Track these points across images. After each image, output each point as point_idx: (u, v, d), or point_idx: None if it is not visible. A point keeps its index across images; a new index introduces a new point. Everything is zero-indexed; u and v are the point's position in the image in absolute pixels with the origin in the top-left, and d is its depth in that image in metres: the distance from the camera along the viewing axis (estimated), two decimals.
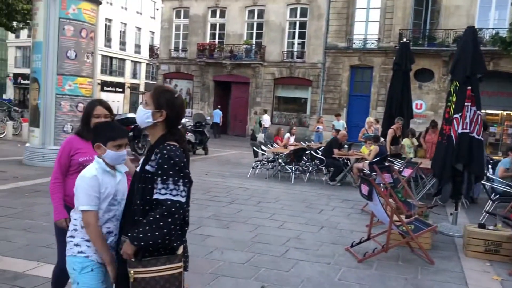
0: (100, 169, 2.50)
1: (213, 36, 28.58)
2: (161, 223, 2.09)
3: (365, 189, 5.50)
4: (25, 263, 4.54)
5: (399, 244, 5.69)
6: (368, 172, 9.52)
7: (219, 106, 26.44)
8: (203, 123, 16.55)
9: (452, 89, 6.78)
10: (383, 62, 23.50)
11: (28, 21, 14.16)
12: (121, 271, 2.31)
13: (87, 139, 3.05)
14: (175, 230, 2.15)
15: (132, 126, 12.53)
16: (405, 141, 11.08)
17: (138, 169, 2.35)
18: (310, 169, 11.78)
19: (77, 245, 2.50)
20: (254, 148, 12.29)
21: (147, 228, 2.10)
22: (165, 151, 2.18)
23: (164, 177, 2.13)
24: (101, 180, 2.48)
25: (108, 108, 3.19)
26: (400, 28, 22.80)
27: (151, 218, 2.11)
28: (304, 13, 25.79)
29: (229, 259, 5.07)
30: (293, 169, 11.35)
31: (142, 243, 2.13)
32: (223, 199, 8.43)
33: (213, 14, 28.43)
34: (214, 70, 28.02)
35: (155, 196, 2.15)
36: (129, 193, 2.42)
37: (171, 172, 2.14)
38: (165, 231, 2.10)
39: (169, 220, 2.10)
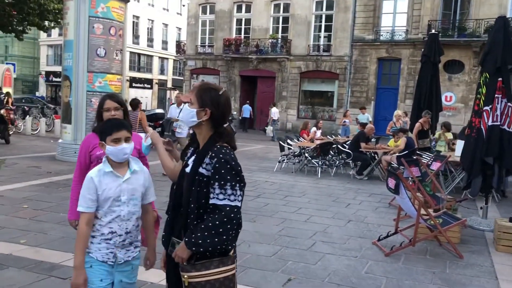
0: (101, 171, 2.50)
1: (239, 31, 28.67)
2: (221, 230, 2.06)
3: (391, 182, 5.48)
4: (60, 254, 4.72)
5: (427, 238, 5.65)
6: (396, 165, 9.44)
7: (247, 101, 26.54)
8: (230, 118, 16.65)
9: (482, 81, 6.64)
10: (412, 54, 23.10)
11: (59, 20, 14.52)
12: (173, 275, 2.28)
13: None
14: (233, 235, 2.12)
15: (160, 122, 12.75)
16: (438, 135, 10.91)
17: (188, 170, 2.26)
18: (337, 163, 11.74)
19: None
20: (281, 142, 12.32)
21: (206, 234, 2.06)
22: (221, 155, 2.14)
23: (222, 182, 2.10)
24: (98, 181, 2.47)
25: (119, 101, 3.16)
26: (429, 19, 22.36)
27: (210, 224, 2.07)
28: (330, 5, 25.56)
29: (256, 252, 5.14)
30: (320, 163, 11.34)
31: (201, 249, 2.09)
32: (250, 193, 8.51)
33: (239, 9, 28.50)
34: (240, 65, 28.13)
35: (212, 201, 2.12)
36: (176, 195, 2.33)
37: (228, 177, 2.11)
38: (224, 237, 2.08)
39: (229, 226, 2.08)
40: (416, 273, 4.74)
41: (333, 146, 12.13)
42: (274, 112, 22.71)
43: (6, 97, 17.61)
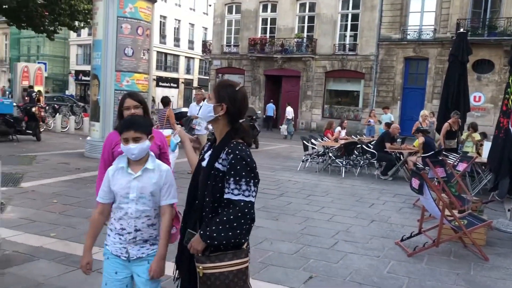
0: (117, 166, 2.60)
1: (264, 30, 28.74)
2: (235, 224, 2.13)
3: (415, 183, 5.44)
4: None
5: (451, 239, 5.59)
6: (421, 166, 9.33)
7: (271, 100, 26.58)
8: (254, 117, 16.74)
9: (510, 81, 6.52)
10: (439, 54, 22.71)
11: (88, 20, 14.86)
12: (188, 266, 2.34)
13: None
14: (246, 230, 2.18)
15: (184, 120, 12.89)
16: (465, 135, 10.72)
17: (204, 164, 2.34)
18: (361, 163, 11.67)
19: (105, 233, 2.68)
20: (304, 141, 12.32)
21: (220, 227, 2.13)
22: (237, 151, 2.20)
23: (237, 178, 2.16)
24: (112, 175, 2.57)
25: (138, 100, 3.24)
26: (458, 17, 21.94)
27: (224, 218, 2.14)
28: (356, 4, 25.36)
29: (278, 250, 5.19)
30: (344, 163, 11.30)
31: (216, 242, 2.16)
32: (273, 192, 8.56)
33: (265, 8, 28.57)
34: (265, 64, 28.19)
35: (227, 196, 2.18)
36: (192, 188, 2.41)
37: (243, 173, 2.16)
38: (238, 231, 2.14)
39: (242, 221, 2.14)
40: (439, 274, 4.70)
41: (358, 146, 12.06)
42: (289, 111, 22.68)
43: (38, 96, 18.13)
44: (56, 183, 8.24)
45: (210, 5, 42.06)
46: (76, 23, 16.02)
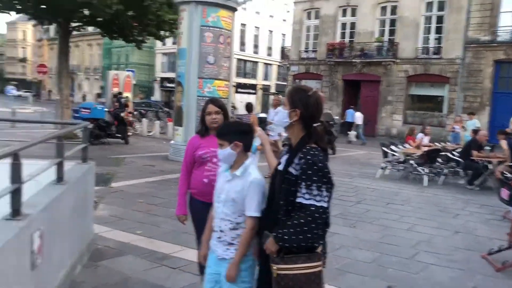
0: (222, 167, 2.76)
1: (342, 35, 28.38)
2: (306, 228, 2.17)
3: (505, 193, 5.12)
4: (171, 246, 5.14)
5: None
6: (510, 175, 8.71)
7: (351, 106, 26.10)
8: (331, 122, 16.59)
9: None
10: None
11: (173, 30, 15.59)
12: (263, 265, 2.43)
13: (203, 136, 3.38)
14: (318, 234, 2.22)
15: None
16: None
17: (280, 167, 2.41)
18: (446, 171, 11.13)
19: None
20: (384, 148, 12.00)
21: (292, 230, 2.19)
22: (308, 156, 2.24)
23: (308, 183, 2.20)
24: (218, 175, 2.79)
25: (219, 105, 3.36)
26: None
27: (295, 222, 2.19)
28: (441, 6, 24.25)
29: (355, 257, 5.13)
30: (426, 171, 10.84)
31: (287, 244, 2.21)
32: (350, 199, 8.44)
33: (344, 13, 28.23)
34: (343, 69, 27.82)
35: (299, 200, 2.23)
36: (270, 191, 2.48)
37: (315, 178, 2.20)
38: (309, 235, 2.18)
39: (313, 225, 2.17)
40: None
41: (442, 153, 11.51)
42: (358, 117, 22.10)
43: (126, 101, 19.32)
44: (142, 184, 8.75)
45: (288, 12, 42.32)
46: (162, 32, 16.85)
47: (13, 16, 23.60)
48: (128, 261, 4.66)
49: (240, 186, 2.59)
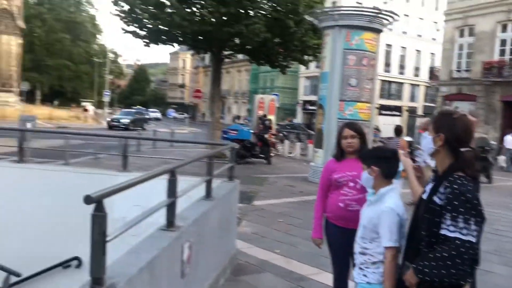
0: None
1: (502, 52, 25.83)
2: (449, 262, 2.02)
3: None
4: (308, 268, 5.18)
5: None
6: None
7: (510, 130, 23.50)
8: (487, 148, 15.09)
9: None
10: None
11: (317, 54, 15.90)
12: None
13: (339, 159, 3.36)
14: (464, 271, 2.04)
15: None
16: None
17: (424, 196, 2.29)
18: None
19: None
20: None
21: (434, 264, 2.06)
22: (455, 186, 2.08)
23: (454, 214, 2.04)
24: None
25: (355, 129, 3.33)
26: None
27: (438, 255, 2.06)
28: None
29: None
30: None
31: (427, 278, 2.09)
32: (507, 234, 7.55)
33: (504, 28, 25.72)
34: (502, 90, 25.19)
35: (443, 232, 2.08)
36: (413, 219, 2.36)
37: (462, 210, 2.03)
38: (452, 271, 2.02)
39: (458, 260, 2.01)
40: None
41: None
42: (509, 141, 19.74)
43: (269, 123, 20.15)
44: (282, 203, 8.99)
45: (438, 30, 40.05)
46: (306, 57, 17.32)
47: (175, 47, 26.42)
48: (267, 279, 4.81)
49: (372, 213, 2.61)
